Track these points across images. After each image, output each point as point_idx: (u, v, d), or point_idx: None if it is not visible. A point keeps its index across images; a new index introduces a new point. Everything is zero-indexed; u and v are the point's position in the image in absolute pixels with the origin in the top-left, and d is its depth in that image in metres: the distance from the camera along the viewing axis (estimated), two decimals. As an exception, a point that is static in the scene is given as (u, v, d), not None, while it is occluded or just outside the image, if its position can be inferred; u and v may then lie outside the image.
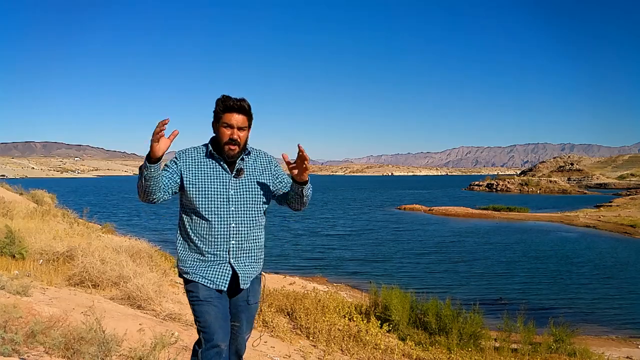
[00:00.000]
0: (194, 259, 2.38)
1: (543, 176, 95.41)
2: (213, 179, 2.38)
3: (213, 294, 2.36)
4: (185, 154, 2.42)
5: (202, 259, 2.37)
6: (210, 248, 2.36)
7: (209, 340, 2.31)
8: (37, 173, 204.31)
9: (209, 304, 2.34)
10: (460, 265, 19.29)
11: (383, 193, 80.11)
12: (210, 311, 2.33)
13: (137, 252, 8.47)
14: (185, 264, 2.40)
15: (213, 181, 2.38)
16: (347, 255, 21.08)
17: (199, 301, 2.35)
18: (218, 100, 2.39)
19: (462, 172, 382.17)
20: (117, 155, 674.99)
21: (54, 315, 3.89)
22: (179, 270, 2.45)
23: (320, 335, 6.38)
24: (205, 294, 2.35)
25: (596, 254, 22.05)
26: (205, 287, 2.35)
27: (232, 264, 2.38)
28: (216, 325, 2.33)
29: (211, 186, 2.37)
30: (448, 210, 41.41)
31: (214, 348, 2.31)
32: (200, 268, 2.37)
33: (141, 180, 2.23)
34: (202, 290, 2.35)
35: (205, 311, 2.33)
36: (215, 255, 2.36)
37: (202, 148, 2.46)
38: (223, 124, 2.37)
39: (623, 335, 11.35)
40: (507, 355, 7.65)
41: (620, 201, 43.89)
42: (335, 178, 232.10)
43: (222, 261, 2.37)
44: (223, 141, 2.37)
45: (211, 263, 2.36)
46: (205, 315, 2.33)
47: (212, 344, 2.31)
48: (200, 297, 2.35)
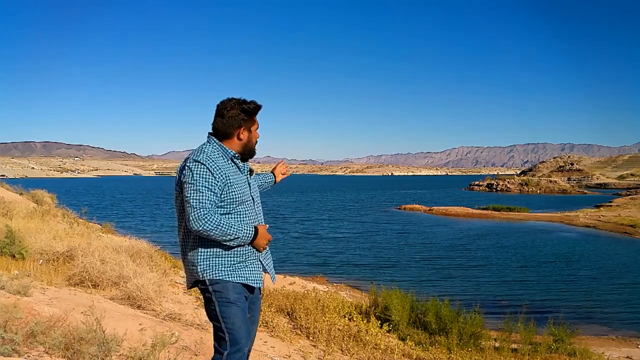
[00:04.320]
0: (224, 260, 2.34)
1: (543, 176, 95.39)
2: (241, 180, 2.44)
3: (241, 297, 2.36)
4: (213, 162, 2.33)
5: (235, 259, 2.36)
6: (246, 248, 2.39)
7: (236, 343, 2.30)
8: (37, 173, 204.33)
9: (237, 307, 2.33)
10: (460, 265, 19.28)
11: (383, 193, 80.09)
12: (238, 314, 2.33)
13: (137, 252, 8.46)
14: (216, 269, 2.33)
15: (242, 183, 2.43)
16: (347, 255, 21.08)
17: (228, 303, 2.32)
18: (246, 105, 2.42)
19: (462, 172, 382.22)
20: (117, 155, 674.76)
21: (54, 315, 3.88)
22: (201, 275, 2.35)
23: (320, 335, 6.38)
24: (235, 297, 2.33)
25: (596, 254, 22.04)
26: (235, 289, 2.34)
27: (261, 261, 2.46)
28: (244, 329, 2.34)
29: (243, 188, 2.42)
30: (448, 210, 41.41)
31: (240, 352, 2.31)
32: (234, 268, 2.35)
33: (225, 238, 2.27)
34: (232, 291, 2.33)
35: (234, 314, 2.32)
36: (249, 253, 2.40)
37: (218, 149, 2.41)
38: (257, 128, 2.51)
39: (623, 335, 11.35)
40: (507, 355, 7.64)
41: (620, 201, 43.88)
42: (335, 178, 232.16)
43: (255, 259, 2.42)
44: (253, 144, 2.50)
45: (246, 262, 2.39)
46: (234, 318, 2.32)
47: (238, 348, 2.31)
48: (230, 299, 2.32)
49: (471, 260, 20.37)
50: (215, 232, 2.22)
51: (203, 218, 2.21)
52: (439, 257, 20.83)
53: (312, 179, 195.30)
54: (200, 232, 2.23)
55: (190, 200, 2.24)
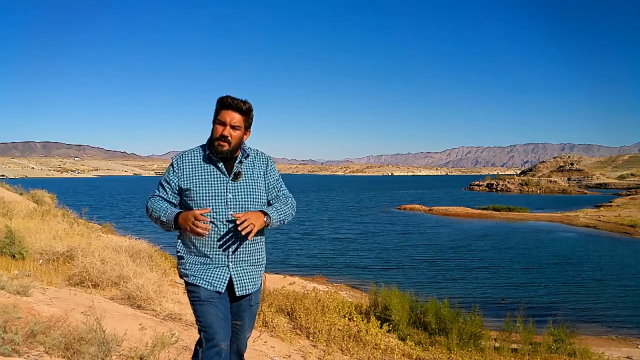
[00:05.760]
0: (193, 261, 2.40)
1: (543, 176, 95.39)
2: (211, 182, 2.38)
3: (214, 295, 2.37)
4: (182, 158, 2.44)
5: (201, 261, 2.39)
6: (209, 251, 2.37)
7: (210, 340, 2.32)
8: (37, 173, 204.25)
9: (210, 304, 2.35)
10: (460, 265, 19.28)
11: (383, 193, 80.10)
12: (211, 311, 2.34)
13: (137, 252, 8.47)
14: (185, 266, 2.42)
15: (211, 184, 2.38)
16: (347, 255, 21.07)
17: (200, 301, 2.36)
18: (217, 99, 2.42)
19: (462, 172, 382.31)
20: (117, 155, 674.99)
21: (54, 315, 3.88)
22: (180, 271, 2.47)
23: (320, 335, 6.38)
24: (206, 294, 2.36)
25: (596, 254, 22.04)
26: (205, 289, 2.37)
27: (230, 268, 2.39)
28: (217, 325, 2.34)
29: (210, 189, 2.37)
30: (448, 210, 41.42)
31: (215, 348, 2.32)
32: (199, 270, 2.39)
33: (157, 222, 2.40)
34: (203, 290, 2.37)
35: (206, 311, 2.34)
36: (214, 258, 2.37)
37: (199, 150, 2.46)
38: (217, 120, 2.39)
39: (623, 335, 11.34)
40: (507, 355, 7.65)
41: (620, 201, 43.87)
42: (335, 178, 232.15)
43: (221, 264, 2.38)
44: (214, 137, 2.38)
45: (210, 266, 2.38)
46: (207, 315, 2.34)
47: (212, 344, 2.32)
48: (201, 297, 2.36)
49: (471, 260, 20.35)
50: (149, 213, 2.41)
51: (148, 204, 2.43)
52: (438, 257, 20.83)
53: (312, 179, 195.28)
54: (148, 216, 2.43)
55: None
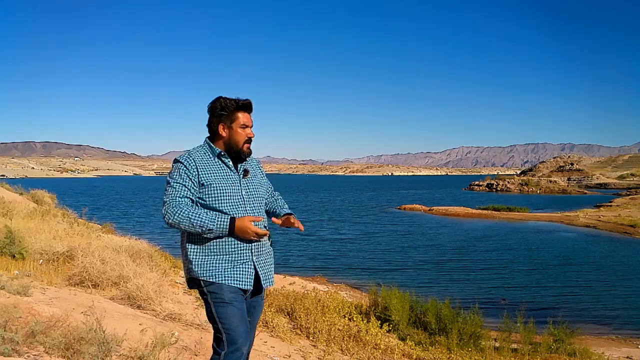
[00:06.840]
0: (215, 261, 2.33)
1: (543, 176, 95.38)
2: (227, 180, 2.39)
3: (237, 296, 2.34)
4: (191, 156, 2.38)
5: (225, 259, 2.34)
6: (234, 248, 2.34)
7: (234, 343, 2.29)
8: (37, 173, 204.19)
9: (234, 306, 2.32)
10: (460, 265, 19.28)
11: (383, 193, 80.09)
12: (235, 314, 2.32)
13: (137, 252, 8.47)
14: (205, 268, 2.34)
15: (228, 182, 2.39)
16: (347, 255, 21.07)
17: (223, 303, 2.32)
18: (223, 100, 2.40)
19: (462, 172, 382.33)
20: (117, 155, 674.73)
21: (54, 315, 3.88)
22: (195, 274, 2.35)
23: (320, 335, 6.38)
24: (230, 296, 2.32)
25: (596, 254, 22.04)
26: (230, 289, 2.32)
27: (254, 263, 2.39)
28: (242, 328, 2.32)
29: (229, 187, 2.38)
30: (448, 210, 41.41)
31: (238, 352, 2.30)
32: (224, 269, 2.33)
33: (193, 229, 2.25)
34: (226, 291, 2.32)
35: (230, 313, 2.31)
36: (239, 254, 2.35)
37: (206, 149, 2.45)
38: (240, 124, 2.40)
39: (623, 335, 11.34)
40: (507, 355, 7.65)
41: (620, 201, 43.84)
42: (335, 178, 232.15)
43: (246, 260, 2.37)
44: (242, 141, 2.41)
45: (235, 263, 2.35)
46: (231, 318, 2.31)
47: (236, 347, 2.29)
48: (225, 299, 2.31)
49: (471, 260, 20.35)
50: (186, 223, 2.24)
51: (172, 210, 2.25)
52: (438, 257, 20.82)
53: (312, 179, 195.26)
54: (173, 224, 2.26)
55: (164, 197, 2.30)
